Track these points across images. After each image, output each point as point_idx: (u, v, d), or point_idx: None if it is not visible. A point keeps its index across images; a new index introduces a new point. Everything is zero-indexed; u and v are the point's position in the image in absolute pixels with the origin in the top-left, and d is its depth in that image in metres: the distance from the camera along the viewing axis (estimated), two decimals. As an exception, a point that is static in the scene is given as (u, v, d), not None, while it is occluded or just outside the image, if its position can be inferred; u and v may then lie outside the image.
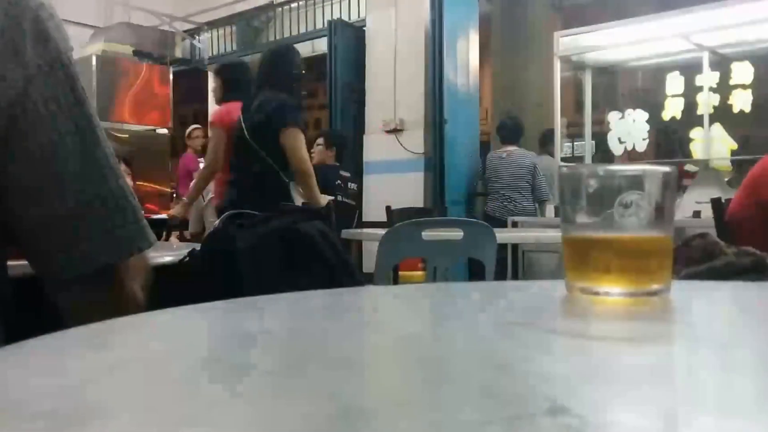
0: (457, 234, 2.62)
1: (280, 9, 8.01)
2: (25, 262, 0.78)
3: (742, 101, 5.35)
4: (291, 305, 0.64)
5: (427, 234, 2.60)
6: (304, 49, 8.57)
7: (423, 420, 0.30)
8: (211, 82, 4.03)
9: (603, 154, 5.90)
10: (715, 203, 3.04)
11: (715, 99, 5.41)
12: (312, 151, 4.69)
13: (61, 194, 0.73)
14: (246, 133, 2.99)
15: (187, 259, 1.27)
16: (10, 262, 0.80)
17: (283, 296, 0.66)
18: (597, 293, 0.59)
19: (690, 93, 5.55)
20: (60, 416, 0.31)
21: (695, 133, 5.50)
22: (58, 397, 0.34)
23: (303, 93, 3.34)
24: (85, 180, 0.74)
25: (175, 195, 6.76)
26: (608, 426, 0.29)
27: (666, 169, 0.60)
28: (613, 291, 0.59)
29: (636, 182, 0.59)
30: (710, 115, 5.37)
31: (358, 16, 6.80)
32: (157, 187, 7.51)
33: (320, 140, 5.06)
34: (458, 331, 0.52)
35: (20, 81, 0.70)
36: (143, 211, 0.82)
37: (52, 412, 0.31)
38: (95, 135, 0.76)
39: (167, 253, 1.27)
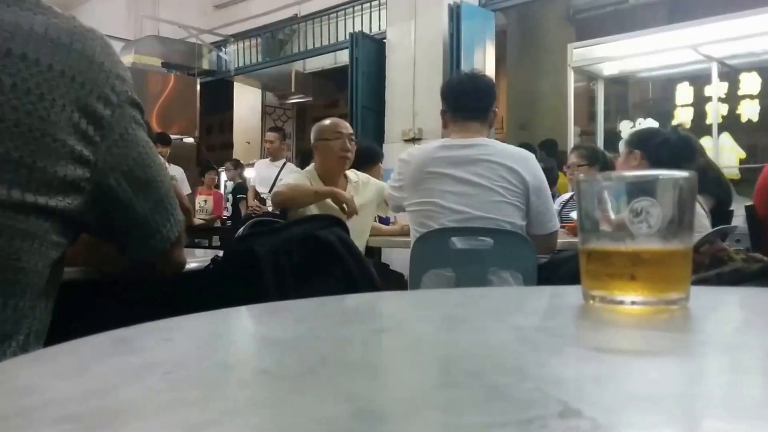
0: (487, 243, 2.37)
1: (303, 22, 8.21)
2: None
3: (750, 111, 5.49)
4: (311, 311, 0.65)
5: (458, 242, 2.37)
6: (327, 60, 8.79)
7: (437, 422, 0.30)
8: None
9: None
10: (750, 210, 3.12)
11: (724, 109, 5.54)
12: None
13: (146, 195, 0.89)
14: None
15: (212, 266, 1.29)
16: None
17: (303, 302, 0.67)
18: (614, 302, 0.58)
19: (699, 103, 5.69)
20: (86, 419, 0.31)
21: (704, 142, 5.62)
22: (85, 401, 0.34)
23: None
24: (158, 179, 0.91)
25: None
26: (620, 429, 0.30)
27: (682, 174, 0.58)
28: (630, 300, 0.57)
29: (649, 188, 0.57)
30: (719, 125, 5.49)
31: (379, 29, 6.96)
32: (185, 193, 7.74)
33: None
34: (473, 335, 0.52)
35: (116, 109, 0.83)
36: None
37: (79, 416, 0.32)
38: (152, 142, 0.91)
39: (191, 260, 1.26)
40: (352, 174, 2.80)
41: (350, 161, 2.74)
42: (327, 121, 2.81)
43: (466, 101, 2.24)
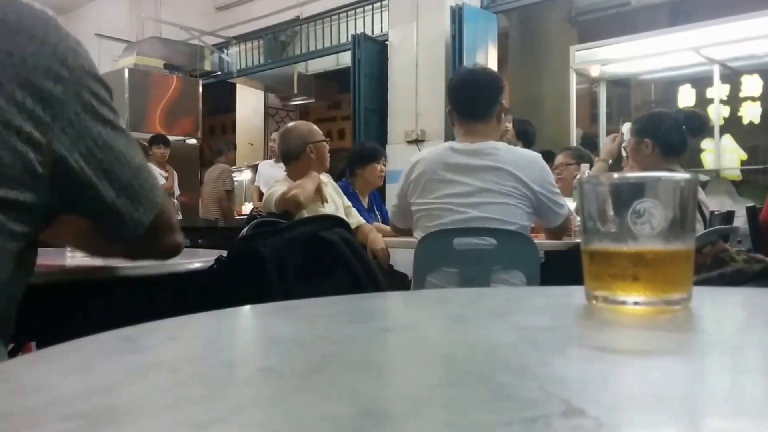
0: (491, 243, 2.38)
1: (305, 24, 8.24)
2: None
3: (751, 113, 5.51)
4: (315, 310, 0.65)
5: (460, 242, 2.38)
6: (329, 62, 8.83)
7: (441, 420, 0.30)
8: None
9: (617, 163, 6.07)
10: (750, 211, 3.15)
11: (726, 111, 5.55)
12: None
13: (110, 177, 0.83)
14: None
15: (216, 266, 1.30)
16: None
17: (307, 302, 0.67)
18: (616, 302, 0.59)
19: (701, 105, 5.68)
20: (91, 417, 0.32)
21: (706, 144, 5.66)
22: (90, 399, 0.35)
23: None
24: (124, 160, 0.85)
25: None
26: (622, 428, 0.30)
27: (683, 176, 0.59)
28: (633, 300, 0.58)
29: (651, 190, 0.58)
30: (720, 127, 5.50)
31: (381, 31, 6.99)
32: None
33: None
34: (476, 335, 0.52)
35: (69, 86, 0.77)
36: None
37: (84, 414, 0.32)
38: (118, 120, 0.86)
39: (196, 260, 1.30)
40: (323, 176, 2.92)
41: None
42: (308, 124, 2.93)
43: (469, 101, 2.23)
